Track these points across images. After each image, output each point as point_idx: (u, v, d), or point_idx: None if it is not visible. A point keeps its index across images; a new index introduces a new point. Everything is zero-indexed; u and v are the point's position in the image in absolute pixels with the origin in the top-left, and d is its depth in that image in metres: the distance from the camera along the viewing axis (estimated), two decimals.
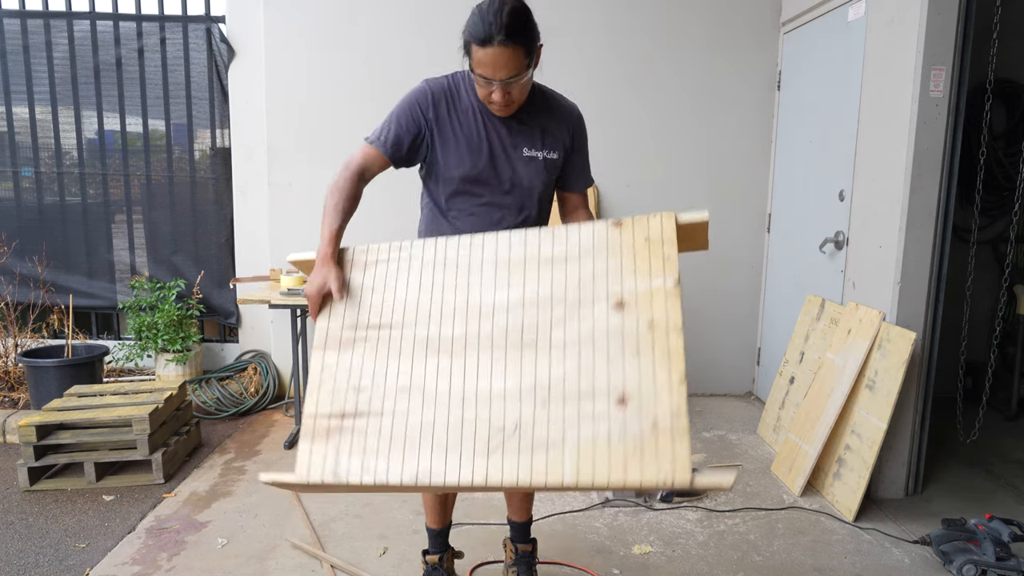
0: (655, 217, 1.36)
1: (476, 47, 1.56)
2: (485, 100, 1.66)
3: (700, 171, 4.07)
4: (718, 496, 2.91)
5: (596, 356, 1.29)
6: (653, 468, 1.18)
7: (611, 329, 1.30)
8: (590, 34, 3.91)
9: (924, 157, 2.69)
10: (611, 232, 1.38)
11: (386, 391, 1.37)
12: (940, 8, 2.60)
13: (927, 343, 2.82)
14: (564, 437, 1.24)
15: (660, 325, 1.28)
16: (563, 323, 1.33)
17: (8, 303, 4.06)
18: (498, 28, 1.51)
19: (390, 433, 1.33)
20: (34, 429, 2.84)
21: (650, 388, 1.24)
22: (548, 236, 1.41)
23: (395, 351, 1.40)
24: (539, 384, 1.29)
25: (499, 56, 1.53)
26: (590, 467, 1.21)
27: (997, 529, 2.32)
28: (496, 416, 1.29)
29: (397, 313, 1.44)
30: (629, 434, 1.21)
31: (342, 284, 1.49)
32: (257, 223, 4.14)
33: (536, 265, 1.39)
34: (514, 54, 1.54)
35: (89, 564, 2.35)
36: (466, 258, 1.44)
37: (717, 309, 4.20)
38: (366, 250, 1.54)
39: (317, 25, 3.83)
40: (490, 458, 1.26)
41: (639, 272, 1.33)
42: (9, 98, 4.08)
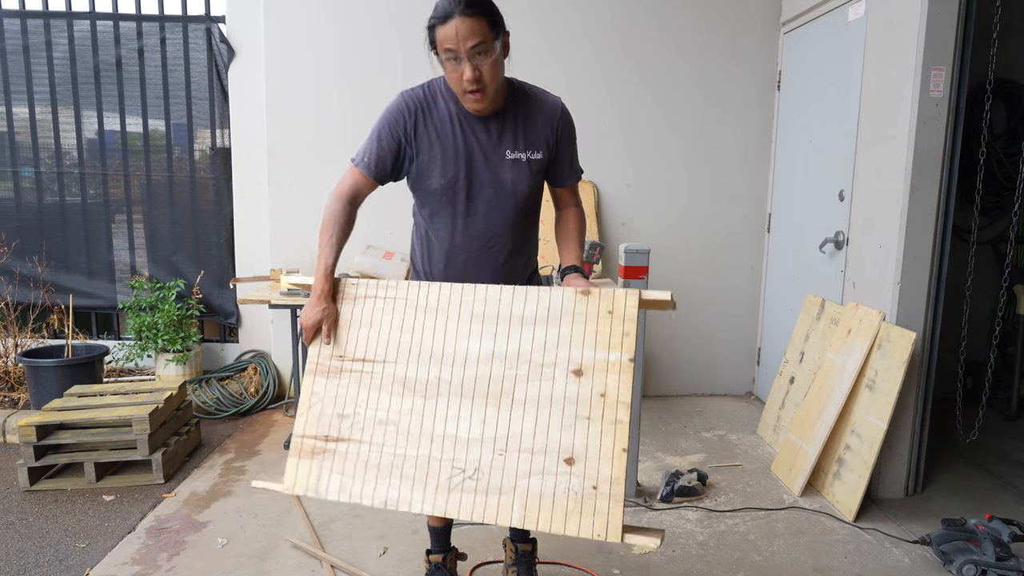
0: (620, 293, 1.51)
1: (439, 27, 1.57)
2: (457, 86, 1.63)
3: (700, 171, 4.07)
4: (718, 496, 2.91)
5: (552, 417, 1.46)
6: (588, 525, 1.38)
7: (567, 394, 1.47)
8: (590, 34, 3.91)
9: (924, 157, 2.69)
10: (579, 301, 1.54)
11: (365, 422, 1.57)
12: (940, 8, 2.60)
13: (927, 343, 2.82)
14: (516, 485, 1.44)
15: (611, 397, 1.44)
16: (526, 381, 1.50)
17: (8, 303, 4.06)
18: (457, 2, 1.55)
19: (366, 460, 1.54)
20: (34, 429, 2.84)
21: (595, 454, 1.42)
22: (522, 296, 1.57)
23: (376, 385, 1.60)
24: (499, 435, 1.48)
25: (461, 26, 1.55)
26: (535, 515, 1.41)
27: (997, 529, 2.32)
28: (459, 458, 1.49)
29: (380, 350, 1.63)
30: (572, 491, 1.41)
31: (332, 326, 1.67)
32: (257, 223, 4.14)
33: (507, 322, 1.56)
34: (476, 23, 1.56)
35: (89, 564, 2.35)
36: (445, 306, 1.61)
37: (717, 309, 4.20)
38: (356, 284, 1.70)
39: (317, 25, 3.83)
40: (450, 494, 1.47)
41: (599, 344, 1.48)
42: (9, 98, 4.08)
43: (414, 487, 1.49)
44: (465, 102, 1.67)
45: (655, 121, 4.01)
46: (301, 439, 1.60)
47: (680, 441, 3.52)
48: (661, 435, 3.59)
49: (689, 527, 2.64)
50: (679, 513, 2.75)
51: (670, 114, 4.01)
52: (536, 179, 1.79)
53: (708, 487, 2.98)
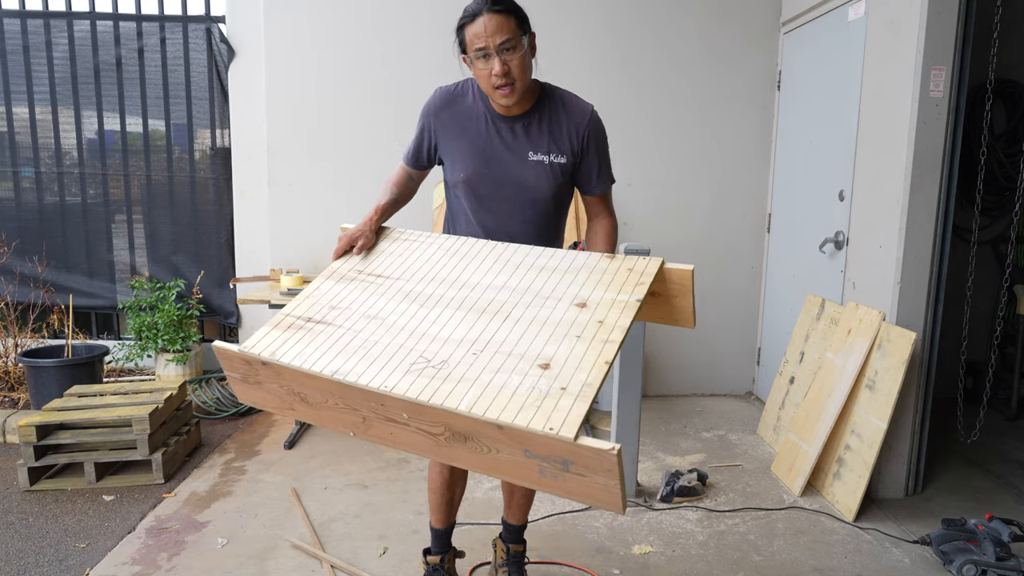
0: (643, 258, 1.51)
1: (468, 26, 1.64)
2: (486, 83, 1.68)
3: (700, 171, 4.07)
4: (718, 496, 2.91)
5: (540, 333, 1.40)
6: (543, 418, 1.21)
7: (564, 319, 1.42)
8: (590, 34, 3.91)
9: (924, 157, 2.69)
10: (602, 260, 1.54)
11: (353, 313, 1.56)
12: (940, 8, 2.60)
13: (927, 343, 2.82)
14: (478, 378, 1.32)
15: (608, 323, 1.39)
16: (526, 307, 1.48)
17: (8, 303, 4.06)
18: (485, 2, 1.61)
19: (336, 340, 1.49)
20: (34, 429, 2.84)
21: (574, 363, 1.32)
22: (550, 253, 1.60)
23: (380, 292, 1.61)
24: (480, 339, 1.42)
25: (489, 22, 1.60)
26: (486, 404, 1.26)
27: (997, 529, 2.32)
28: (430, 352, 1.41)
29: (398, 270, 1.66)
30: (536, 389, 1.28)
31: (366, 244, 1.73)
32: (257, 223, 4.14)
33: (527, 268, 1.57)
34: (504, 20, 1.61)
35: (89, 564, 2.35)
36: (475, 254, 1.64)
37: (717, 309, 4.20)
38: (403, 232, 1.78)
39: (317, 25, 3.83)
40: (405, 376, 1.35)
41: (610, 288, 1.47)
42: (9, 98, 4.08)
43: (371, 365, 1.39)
44: (494, 98, 1.71)
45: (655, 121, 4.01)
46: (284, 316, 1.58)
47: (680, 441, 3.52)
48: (661, 435, 3.59)
49: (689, 527, 2.64)
50: (679, 513, 2.75)
51: (670, 114, 4.01)
52: (560, 183, 1.80)
53: (708, 487, 2.98)
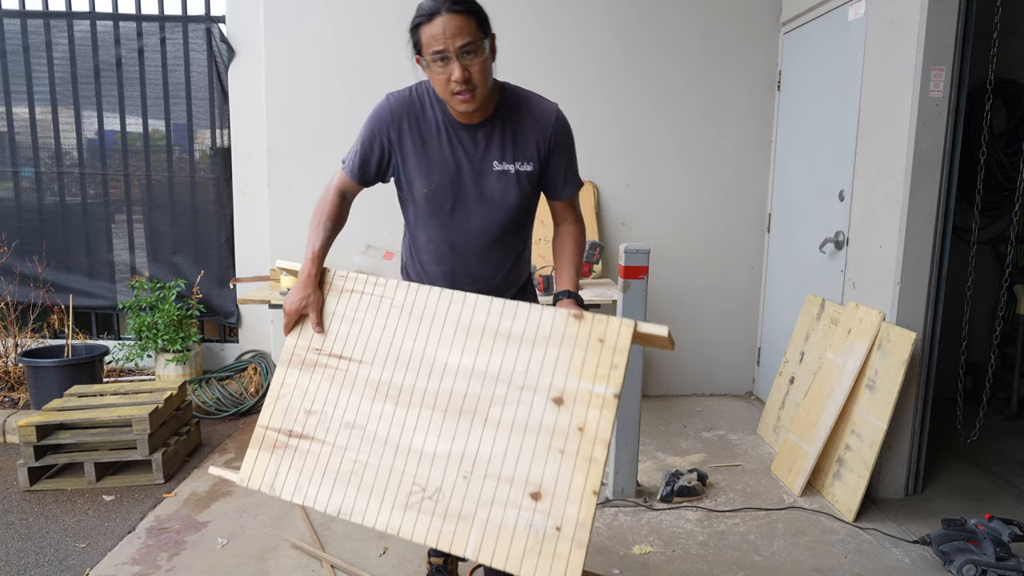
0: (614, 322, 1.40)
1: (424, 26, 1.51)
2: (444, 89, 1.54)
3: (700, 171, 4.07)
4: (718, 496, 2.91)
5: (524, 445, 1.37)
6: (546, 568, 1.27)
7: (544, 422, 1.38)
8: (590, 34, 3.91)
9: (924, 157, 2.69)
10: (569, 324, 1.43)
11: (332, 422, 1.51)
12: (940, 8, 2.60)
13: (927, 343, 2.82)
14: (475, 514, 1.35)
15: (589, 433, 1.35)
16: (502, 404, 1.41)
17: (8, 303, 4.06)
18: (444, 0, 1.48)
19: (326, 463, 1.48)
20: (34, 429, 2.84)
21: (563, 492, 1.32)
22: (511, 312, 1.48)
23: (348, 385, 1.53)
24: (466, 456, 1.40)
25: (449, 23, 1.47)
26: (491, 549, 1.32)
27: (997, 529, 2.32)
28: (421, 474, 1.41)
29: (358, 349, 1.55)
30: (533, 529, 1.31)
31: (320, 313, 1.58)
32: (257, 223, 4.14)
33: (492, 337, 1.47)
34: (465, 21, 1.48)
35: (89, 564, 2.35)
36: (432, 312, 1.52)
37: (717, 309, 4.20)
38: (345, 276, 1.62)
39: (317, 25, 3.83)
40: (406, 513, 1.39)
41: (584, 373, 1.38)
42: (9, 98, 4.08)
43: (371, 499, 1.42)
44: (453, 105, 1.57)
45: (655, 121, 4.01)
46: (264, 430, 1.54)
47: (680, 441, 3.52)
48: (661, 435, 3.59)
49: (689, 527, 2.64)
50: (679, 513, 2.75)
51: (670, 114, 4.01)
52: (527, 191, 1.70)
53: (708, 487, 2.98)
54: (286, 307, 1.58)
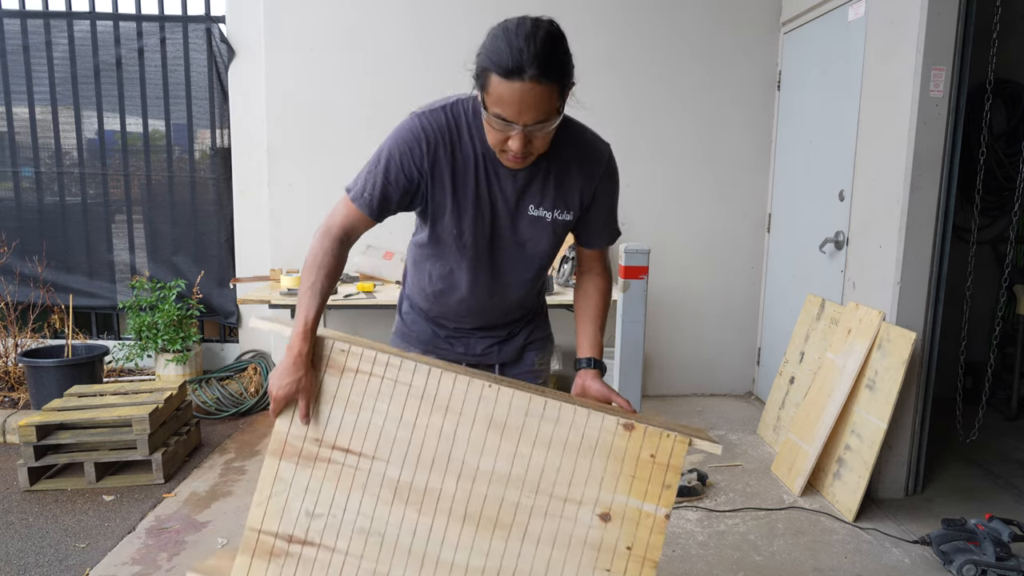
0: (668, 437, 1.27)
1: (498, 79, 1.21)
2: (496, 147, 1.32)
3: (700, 171, 4.07)
4: (718, 496, 2.91)
5: (567, 563, 1.26)
6: None
7: (589, 539, 1.26)
8: (590, 34, 3.91)
9: (924, 157, 2.69)
10: (619, 435, 1.28)
11: (342, 527, 1.29)
12: (940, 8, 2.60)
13: (927, 343, 2.82)
14: None
15: (638, 553, 1.25)
16: (543, 516, 1.27)
17: (8, 303, 4.06)
18: (531, 58, 1.18)
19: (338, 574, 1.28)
20: (34, 429, 2.84)
21: None
22: (553, 414, 1.29)
23: (360, 484, 1.30)
24: (502, 573, 1.26)
25: (528, 94, 1.19)
26: None
27: (997, 529, 2.32)
28: None
29: (370, 442, 1.31)
30: None
31: (310, 402, 1.30)
32: (257, 223, 4.14)
33: (531, 442, 1.29)
34: (546, 93, 1.21)
35: (89, 564, 2.35)
36: (459, 404, 1.31)
37: (717, 309, 4.20)
38: (347, 352, 1.33)
39: (317, 25, 3.83)
40: None
41: (634, 489, 1.27)
42: (9, 98, 4.08)
43: None
44: (500, 158, 1.35)
45: (655, 121, 4.01)
46: (257, 534, 1.29)
47: None
48: None
49: (689, 527, 2.64)
50: (679, 513, 2.75)
51: (670, 114, 4.01)
52: (559, 237, 1.52)
53: (708, 487, 2.98)
54: (272, 391, 1.29)
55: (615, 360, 2.82)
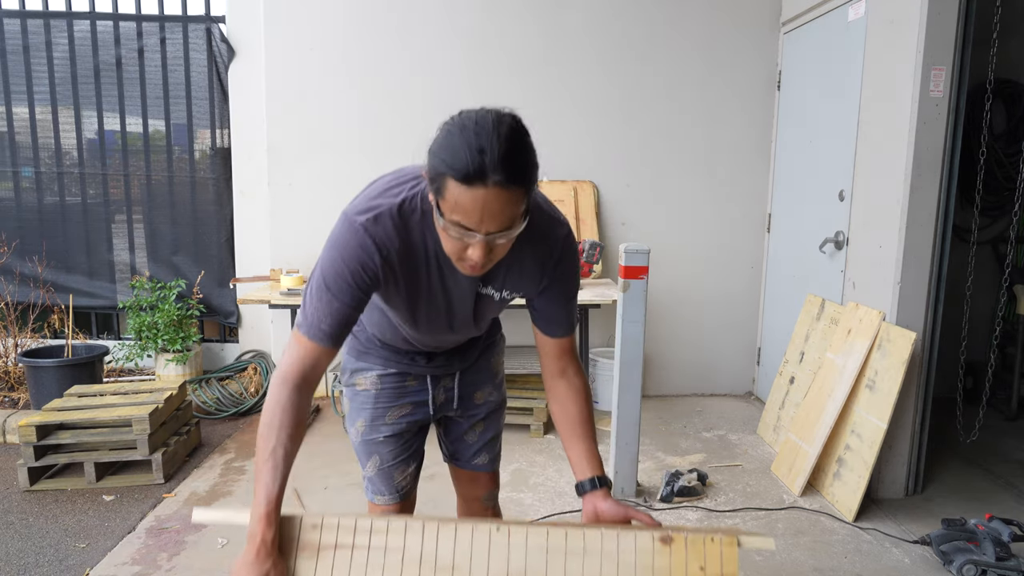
0: (714, 542, 1.10)
1: (456, 184, 1.03)
2: (454, 256, 1.15)
3: (700, 171, 4.07)
4: (718, 496, 2.91)
5: None
6: None
7: None
8: (590, 34, 3.91)
9: (924, 157, 2.69)
10: (658, 553, 1.09)
11: None
12: (940, 8, 2.60)
13: (927, 343, 2.82)
14: None
15: None
16: None
17: (8, 303, 4.06)
18: (494, 161, 1.01)
19: None
20: (34, 429, 2.84)
21: None
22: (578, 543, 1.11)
23: None
24: None
25: (491, 202, 1.04)
26: None
27: (997, 529, 2.32)
28: None
29: None
30: None
31: None
32: (257, 223, 4.14)
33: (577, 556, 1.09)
34: (511, 199, 1.05)
35: (89, 564, 2.35)
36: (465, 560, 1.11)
37: (717, 309, 4.20)
38: (319, 526, 1.13)
39: (317, 25, 3.83)
40: None
41: None
42: (9, 98, 4.08)
43: None
44: (457, 265, 1.19)
45: (655, 121, 4.01)
46: None
47: (680, 441, 3.52)
48: (661, 435, 3.59)
49: None
50: (679, 513, 2.75)
51: (670, 114, 4.01)
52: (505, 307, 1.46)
53: (708, 487, 2.98)
54: None
55: (615, 360, 2.81)
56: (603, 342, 4.12)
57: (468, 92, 3.88)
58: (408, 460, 1.63)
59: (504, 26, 3.87)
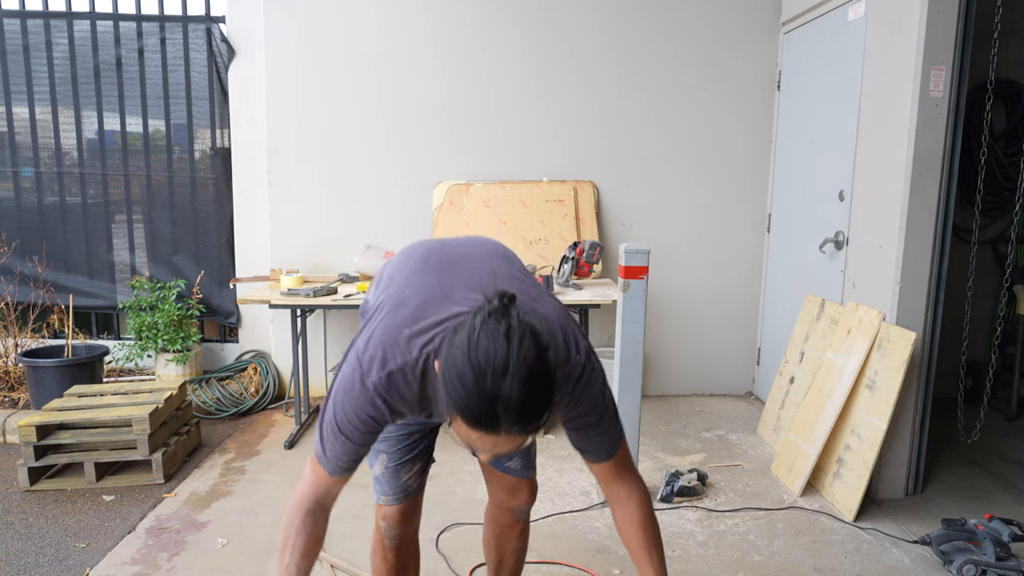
0: None
1: (467, 427, 1.02)
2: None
3: (700, 171, 4.07)
4: (718, 496, 2.91)
5: None
6: None
7: None
8: (589, 33, 3.91)
9: (924, 157, 2.69)
10: None
11: None
12: (940, 8, 2.60)
13: (927, 343, 2.82)
14: None
15: None
16: None
17: (8, 303, 4.06)
18: (509, 415, 0.99)
19: None
20: (34, 429, 2.84)
21: None
22: None
23: None
24: None
25: (503, 443, 1.04)
26: None
27: (997, 529, 2.32)
28: None
29: None
30: None
31: None
32: (257, 223, 4.14)
33: None
34: (526, 437, 1.05)
35: (89, 564, 2.35)
36: None
37: (717, 309, 4.20)
38: None
39: (317, 25, 3.83)
40: None
41: None
42: (9, 98, 4.08)
43: None
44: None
45: (655, 121, 4.01)
46: None
47: (680, 441, 3.52)
48: (661, 435, 3.59)
49: (689, 527, 2.64)
50: (679, 513, 2.75)
51: (670, 114, 4.01)
52: None
53: (708, 487, 2.98)
54: None
55: (615, 360, 2.81)
56: (603, 342, 4.11)
57: (468, 92, 3.88)
58: (415, 460, 1.62)
59: (505, 26, 3.88)
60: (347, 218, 3.97)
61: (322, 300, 3.28)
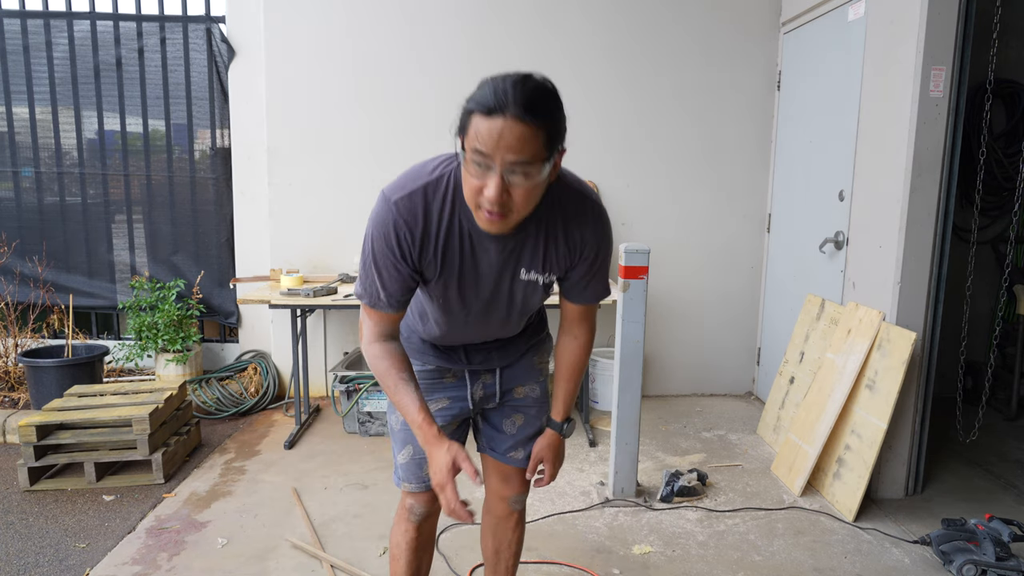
0: None
1: (479, 116, 1.14)
2: (472, 197, 1.21)
3: (700, 171, 4.07)
4: (718, 496, 2.91)
5: None
6: None
7: None
8: (589, 33, 3.91)
9: (924, 157, 2.69)
10: None
11: None
12: (940, 8, 2.60)
13: (927, 343, 2.82)
14: None
15: None
16: None
17: (8, 303, 4.06)
18: (515, 97, 1.12)
19: None
20: (34, 429, 2.84)
21: None
22: None
23: None
24: None
25: (508, 130, 1.12)
26: None
27: (997, 529, 2.33)
28: None
29: None
30: None
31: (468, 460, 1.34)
32: (257, 223, 4.14)
33: None
34: (528, 133, 1.12)
35: (89, 564, 2.35)
36: None
37: (717, 309, 4.20)
38: None
39: (317, 25, 3.83)
40: None
41: None
42: (9, 98, 4.08)
43: None
44: (477, 218, 1.24)
45: (655, 121, 4.01)
46: None
47: (680, 441, 3.52)
48: (661, 435, 3.59)
49: (689, 527, 2.64)
50: (679, 513, 2.75)
51: (670, 114, 4.01)
52: (549, 292, 1.51)
53: (708, 487, 2.98)
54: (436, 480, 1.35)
55: (615, 360, 2.81)
56: (603, 342, 4.12)
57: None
58: None
59: (506, 26, 3.88)
60: (347, 218, 3.97)
61: (322, 300, 3.28)
